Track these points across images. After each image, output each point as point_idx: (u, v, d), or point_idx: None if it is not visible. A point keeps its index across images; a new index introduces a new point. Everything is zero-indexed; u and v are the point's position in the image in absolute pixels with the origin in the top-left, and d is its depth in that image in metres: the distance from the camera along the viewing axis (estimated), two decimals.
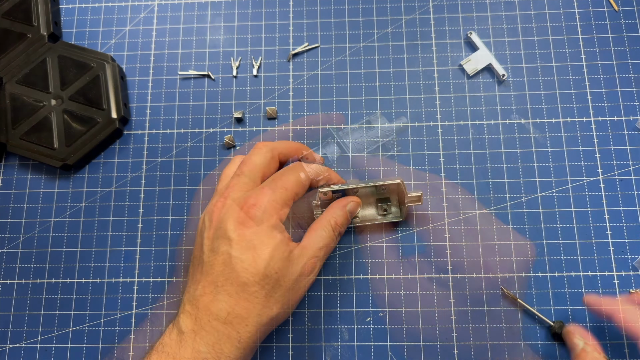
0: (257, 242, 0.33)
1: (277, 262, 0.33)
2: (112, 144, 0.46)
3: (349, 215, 0.38)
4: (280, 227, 0.35)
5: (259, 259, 0.33)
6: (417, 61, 0.47)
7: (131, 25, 0.50)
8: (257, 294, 0.33)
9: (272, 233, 0.34)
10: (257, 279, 0.33)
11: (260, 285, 0.33)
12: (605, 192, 0.42)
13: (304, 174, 0.37)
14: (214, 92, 0.47)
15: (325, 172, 0.39)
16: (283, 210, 0.35)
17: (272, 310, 0.34)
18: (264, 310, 0.33)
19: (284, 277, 0.34)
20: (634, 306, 0.38)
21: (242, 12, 0.49)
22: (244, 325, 0.33)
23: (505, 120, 0.45)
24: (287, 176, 0.36)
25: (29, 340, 0.42)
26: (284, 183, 0.36)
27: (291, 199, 0.36)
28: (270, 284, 0.33)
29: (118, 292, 0.43)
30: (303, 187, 0.37)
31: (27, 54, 0.47)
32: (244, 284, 0.33)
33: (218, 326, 0.32)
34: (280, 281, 0.34)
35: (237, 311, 0.33)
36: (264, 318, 0.33)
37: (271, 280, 0.33)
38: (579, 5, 0.47)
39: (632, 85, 0.45)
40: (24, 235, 0.45)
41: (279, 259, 0.34)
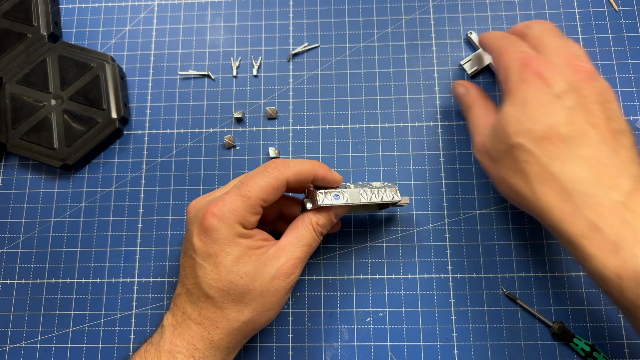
0: (218, 249, 0.32)
1: (242, 266, 0.32)
2: (112, 144, 0.46)
3: (333, 216, 0.36)
4: (246, 234, 0.33)
5: (220, 266, 0.32)
6: (417, 61, 0.47)
7: (131, 25, 0.50)
8: (223, 299, 0.32)
9: (234, 240, 0.33)
10: (220, 285, 0.32)
11: (225, 292, 0.32)
12: None
13: (273, 177, 0.33)
14: (214, 92, 0.47)
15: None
16: (246, 217, 0.33)
17: (244, 314, 0.33)
18: (233, 314, 0.33)
19: (255, 280, 0.32)
20: None
21: (242, 12, 0.49)
22: (214, 327, 0.33)
23: None
24: (255, 180, 0.33)
25: (29, 340, 0.42)
26: (248, 190, 0.33)
27: (257, 205, 0.33)
28: (238, 290, 0.32)
29: (118, 292, 0.43)
30: (274, 190, 0.34)
31: (27, 54, 0.47)
32: (206, 292, 0.33)
33: (191, 325, 0.33)
34: (250, 285, 0.32)
35: (207, 314, 0.33)
36: (234, 323, 0.33)
37: (237, 285, 0.32)
38: (579, 5, 0.47)
39: (632, 85, 0.45)
40: (24, 235, 0.45)
41: (245, 263, 0.32)
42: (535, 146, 0.31)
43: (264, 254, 0.33)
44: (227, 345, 0.33)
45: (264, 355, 0.41)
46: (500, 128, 0.33)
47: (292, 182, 0.34)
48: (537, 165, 0.31)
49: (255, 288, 0.33)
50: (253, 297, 0.33)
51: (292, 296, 0.42)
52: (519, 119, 0.32)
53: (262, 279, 0.33)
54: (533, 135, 0.31)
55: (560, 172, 0.30)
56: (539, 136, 0.31)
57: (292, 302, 0.42)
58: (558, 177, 0.30)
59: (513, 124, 0.32)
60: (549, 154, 0.31)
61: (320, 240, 0.36)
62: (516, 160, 0.32)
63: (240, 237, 0.33)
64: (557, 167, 0.30)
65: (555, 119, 0.31)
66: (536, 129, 0.31)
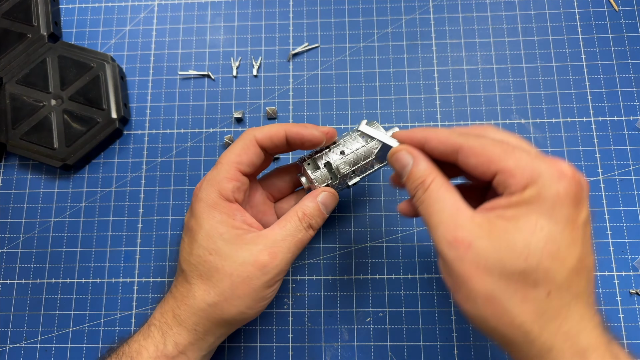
0: (194, 223, 0.33)
1: (212, 243, 0.31)
2: (112, 144, 0.46)
3: (321, 207, 0.34)
4: (222, 207, 0.32)
5: (192, 239, 0.32)
6: (417, 61, 0.47)
7: (131, 25, 0.50)
8: (192, 274, 0.32)
9: (210, 213, 0.32)
10: (191, 259, 0.32)
11: (194, 266, 0.32)
12: (605, 192, 0.42)
13: (241, 139, 0.33)
14: (214, 92, 0.47)
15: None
16: (222, 184, 0.32)
17: (210, 295, 0.31)
18: (200, 293, 0.32)
19: (224, 260, 0.31)
20: None
21: (242, 12, 0.49)
22: (182, 303, 0.32)
23: (506, 120, 0.45)
24: (231, 148, 0.33)
25: (29, 340, 0.42)
26: (221, 158, 0.33)
27: (230, 169, 0.33)
28: (206, 266, 0.31)
29: (118, 292, 0.43)
30: (244, 151, 0.33)
31: (27, 54, 0.47)
32: (181, 265, 0.33)
33: (169, 298, 0.33)
34: (218, 264, 0.31)
35: (180, 288, 0.33)
36: (200, 302, 0.32)
37: (205, 261, 0.31)
38: (579, 5, 0.47)
39: (632, 85, 0.45)
40: (24, 235, 0.45)
41: (215, 240, 0.31)
42: (566, 278, 0.25)
43: (240, 236, 0.32)
44: (194, 326, 0.32)
45: (264, 355, 0.41)
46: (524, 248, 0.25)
47: (264, 142, 0.34)
48: (560, 300, 0.25)
49: (224, 269, 0.31)
50: (220, 278, 0.31)
51: (291, 296, 0.42)
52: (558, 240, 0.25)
53: (233, 261, 0.31)
54: (566, 266, 0.25)
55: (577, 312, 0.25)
56: (573, 267, 0.25)
57: (292, 302, 0.42)
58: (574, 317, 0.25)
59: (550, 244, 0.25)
60: (574, 290, 0.25)
61: (310, 232, 0.34)
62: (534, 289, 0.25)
63: (217, 211, 0.32)
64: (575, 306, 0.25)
65: (584, 250, 0.26)
66: (572, 257, 0.25)
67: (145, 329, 0.33)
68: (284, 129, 0.34)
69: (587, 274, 0.26)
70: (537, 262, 0.24)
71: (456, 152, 0.28)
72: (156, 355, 0.31)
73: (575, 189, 0.25)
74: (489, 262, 0.25)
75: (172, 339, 0.32)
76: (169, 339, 0.32)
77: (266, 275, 0.31)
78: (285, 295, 0.42)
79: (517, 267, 0.25)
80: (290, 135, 0.34)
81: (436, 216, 0.27)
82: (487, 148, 0.27)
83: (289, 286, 0.42)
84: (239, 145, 0.34)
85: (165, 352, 0.31)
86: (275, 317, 0.41)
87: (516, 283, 0.25)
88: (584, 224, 0.26)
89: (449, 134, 0.29)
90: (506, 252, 0.25)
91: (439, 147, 0.29)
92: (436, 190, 0.28)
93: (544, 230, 0.25)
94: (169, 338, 0.32)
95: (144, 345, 0.32)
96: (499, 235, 0.25)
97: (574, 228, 0.25)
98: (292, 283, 0.42)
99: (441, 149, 0.29)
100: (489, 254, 0.25)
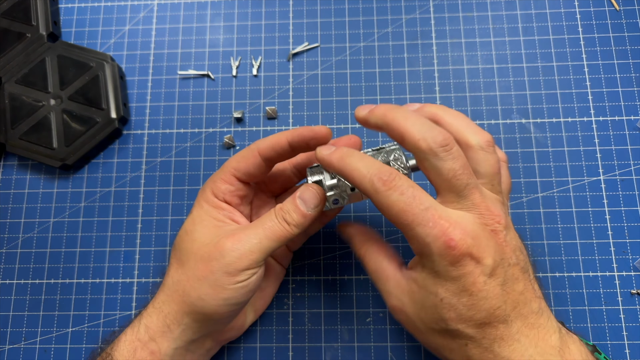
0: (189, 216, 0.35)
1: (191, 225, 0.34)
2: (111, 144, 0.46)
3: (297, 201, 0.33)
4: (212, 202, 0.34)
5: (181, 228, 0.35)
6: (417, 61, 0.47)
7: (131, 25, 0.50)
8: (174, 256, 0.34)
9: (199, 203, 0.35)
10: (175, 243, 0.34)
11: (176, 249, 0.34)
12: (606, 192, 0.42)
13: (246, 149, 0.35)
14: (213, 92, 0.47)
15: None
16: (217, 184, 0.35)
17: (177, 272, 0.33)
18: (172, 272, 0.33)
19: (194, 240, 0.33)
20: None
21: (242, 11, 0.49)
22: (162, 284, 0.34)
23: (506, 120, 0.45)
24: (235, 155, 0.36)
25: (29, 340, 0.42)
26: (226, 162, 0.36)
27: (228, 173, 0.35)
28: (180, 244, 0.34)
29: (117, 293, 0.43)
30: (244, 159, 0.34)
31: (27, 53, 0.47)
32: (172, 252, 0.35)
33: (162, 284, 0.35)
34: (190, 245, 0.33)
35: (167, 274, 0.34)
36: (169, 279, 0.33)
37: (181, 240, 0.34)
38: (579, 4, 0.47)
39: (633, 85, 0.45)
40: (23, 235, 0.44)
41: (194, 223, 0.34)
42: (476, 332, 0.28)
43: (218, 227, 0.33)
44: (160, 305, 0.32)
45: (264, 355, 0.40)
46: (434, 311, 0.29)
47: (266, 152, 0.34)
48: (479, 348, 0.28)
49: (192, 248, 0.32)
50: (187, 256, 0.33)
51: (291, 296, 0.42)
52: (456, 306, 0.28)
53: (200, 242, 0.32)
54: (473, 322, 0.28)
55: (502, 351, 0.28)
56: (480, 322, 0.28)
57: (292, 303, 0.42)
58: (502, 356, 0.28)
59: (450, 311, 0.28)
60: (490, 337, 0.28)
61: (285, 226, 0.32)
62: (454, 340, 0.29)
63: (204, 202, 0.34)
64: (499, 347, 0.28)
65: (492, 303, 0.28)
66: (477, 317, 0.28)
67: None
68: (285, 135, 0.34)
69: (504, 319, 0.28)
70: (446, 325, 0.28)
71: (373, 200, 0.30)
72: (131, 339, 0.32)
73: (462, 259, 0.27)
74: (417, 323, 0.30)
75: (144, 322, 0.32)
76: (142, 322, 0.33)
77: (225, 257, 0.31)
78: (285, 295, 0.42)
79: (436, 327, 0.29)
80: (292, 140, 0.34)
81: (377, 285, 0.32)
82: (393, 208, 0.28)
83: (289, 286, 0.42)
84: (241, 154, 0.35)
85: (138, 337, 0.32)
86: (275, 317, 0.41)
87: (440, 337, 0.29)
88: (489, 276, 0.28)
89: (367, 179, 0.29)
90: (424, 314, 0.29)
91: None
92: (367, 263, 0.33)
93: (444, 301, 0.28)
94: (142, 320, 0.33)
95: (125, 332, 0.33)
96: (416, 301, 0.30)
97: (472, 292, 0.27)
98: (292, 283, 0.42)
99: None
100: (414, 317, 0.30)
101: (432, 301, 0.28)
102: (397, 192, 0.28)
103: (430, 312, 0.29)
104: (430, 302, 0.29)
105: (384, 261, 0.32)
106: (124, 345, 0.32)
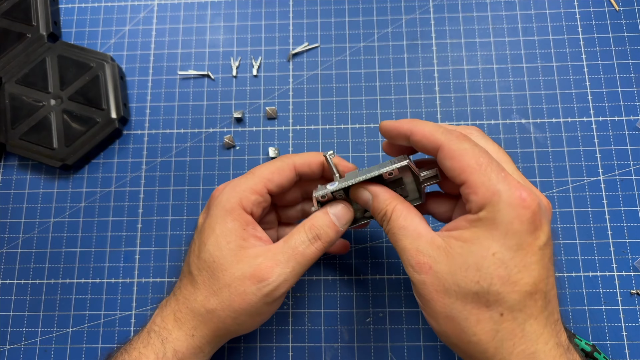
0: (207, 226, 0.33)
1: (217, 249, 0.31)
2: (111, 144, 0.46)
3: (332, 217, 0.33)
4: (237, 215, 0.32)
5: (202, 243, 0.32)
6: (417, 61, 0.47)
7: (131, 25, 0.50)
8: (197, 278, 0.32)
9: (224, 218, 0.32)
10: (198, 263, 0.32)
11: (199, 270, 0.32)
12: (605, 192, 0.42)
13: (279, 160, 0.34)
14: (213, 92, 0.47)
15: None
16: (245, 194, 0.33)
17: (210, 302, 0.31)
18: (201, 298, 0.32)
19: (225, 270, 0.31)
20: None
21: (242, 12, 0.49)
22: (184, 305, 0.32)
23: (506, 120, 0.45)
24: (266, 164, 0.34)
25: (29, 340, 0.42)
26: (255, 169, 0.34)
27: (259, 183, 0.33)
28: (208, 272, 0.32)
29: (118, 293, 0.43)
30: (279, 171, 0.34)
31: (27, 53, 0.47)
32: (189, 268, 0.33)
33: (171, 300, 0.33)
34: (219, 272, 0.31)
35: (183, 291, 0.33)
36: (200, 307, 0.31)
37: (209, 267, 0.31)
38: (579, 4, 0.47)
39: (633, 85, 0.45)
40: (24, 235, 0.45)
41: (221, 247, 0.31)
42: (518, 300, 0.26)
43: (246, 248, 0.32)
44: (192, 331, 0.32)
45: (264, 355, 0.41)
46: (477, 269, 0.26)
47: (302, 168, 0.34)
48: (513, 322, 0.26)
49: (224, 279, 0.31)
50: (220, 287, 0.31)
51: (291, 296, 0.42)
52: (508, 264, 0.26)
53: (232, 273, 0.31)
54: (519, 287, 0.26)
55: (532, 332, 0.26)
56: (525, 291, 0.26)
57: (292, 303, 0.42)
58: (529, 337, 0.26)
59: (500, 268, 0.26)
60: (528, 311, 0.26)
61: (318, 245, 0.32)
62: (488, 309, 0.26)
63: (230, 218, 0.32)
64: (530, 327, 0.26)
65: (541, 273, 0.26)
66: (524, 281, 0.26)
67: (145, 335, 0.33)
68: (322, 155, 0.35)
69: (544, 296, 0.26)
70: (488, 285, 0.26)
71: (437, 149, 0.29)
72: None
73: (530, 217, 0.26)
74: (447, 284, 0.27)
75: (172, 346, 0.32)
76: (169, 346, 0.32)
77: (261, 290, 0.31)
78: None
79: (471, 289, 0.26)
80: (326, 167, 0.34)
81: (401, 243, 0.29)
82: (463, 155, 0.27)
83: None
84: (276, 165, 0.34)
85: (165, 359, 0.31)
86: (275, 317, 0.41)
87: (471, 304, 0.26)
88: (540, 248, 0.26)
89: (434, 129, 0.29)
90: (461, 274, 0.26)
91: (422, 141, 0.29)
92: (397, 218, 0.30)
93: (496, 255, 0.26)
94: (168, 345, 0.32)
95: (144, 353, 0.31)
96: (455, 257, 0.27)
97: (526, 254, 0.26)
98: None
99: (424, 143, 0.29)
100: (446, 276, 0.27)
101: (479, 255, 0.26)
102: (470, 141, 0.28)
103: (472, 270, 0.26)
104: (475, 258, 0.26)
105: (416, 218, 0.29)
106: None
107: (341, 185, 0.32)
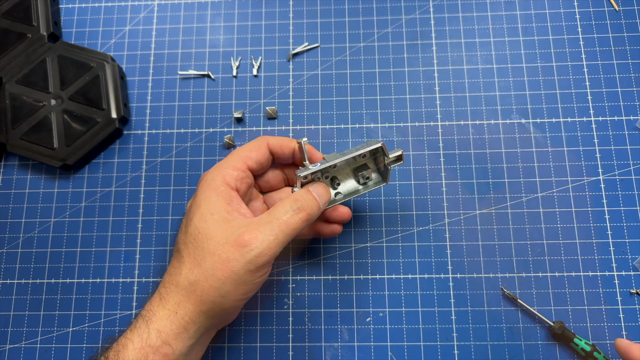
0: (193, 204, 0.34)
1: (202, 220, 0.33)
2: (111, 144, 0.46)
3: (314, 194, 0.34)
4: (222, 192, 0.34)
5: (189, 220, 0.34)
6: (417, 61, 0.47)
7: (131, 25, 0.50)
8: (184, 252, 0.33)
9: (209, 194, 0.34)
10: (184, 238, 0.33)
11: (185, 244, 0.33)
12: (605, 192, 0.42)
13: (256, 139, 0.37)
14: (214, 92, 0.47)
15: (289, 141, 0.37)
16: (227, 170, 0.35)
17: (193, 272, 0.32)
18: (186, 271, 0.32)
19: (209, 238, 0.32)
20: None
21: (242, 12, 0.49)
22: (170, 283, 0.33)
23: (506, 120, 0.45)
24: (244, 145, 0.37)
25: (29, 340, 0.42)
26: (235, 150, 0.36)
27: (239, 161, 0.35)
28: (194, 243, 0.33)
29: (118, 292, 0.43)
30: (256, 149, 0.36)
31: (27, 53, 0.47)
32: (177, 245, 0.34)
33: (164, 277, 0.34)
34: (203, 242, 0.32)
35: (170, 270, 0.34)
36: (183, 279, 0.32)
37: (193, 238, 0.33)
38: (579, 5, 0.47)
39: (633, 85, 0.45)
40: (24, 235, 0.45)
41: (206, 219, 0.33)
42: None
43: (229, 220, 0.33)
44: (175, 308, 0.32)
45: (264, 355, 0.41)
46: None
47: (275, 147, 0.37)
48: None
49: (208, 248, 0.32)
50: (204, 257, 0.32)
51: (291, 296, 0.42)
52: None
53: (216, 241, 0.32)
54: None
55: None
56: None
57: (292, 302, 0.42)
58: None
59: None
60: None
61: (301, 216, 0.33)
62: None
63: (214, 192, 0.34)
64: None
65: None
66: None
67: (134, 321, 0.33)
68: (295, 142, 0.37)
69: None
70: None
71: None
72: (141, 345, 0.31)
73: None
74: None
75: (155, 326, 0.31)
76: (152, 327, 0.31)
77: (244, 257, 0.31)
78: (285, 295, 0.42)
79: None
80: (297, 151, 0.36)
81: None
82: None
83: (289, 286, 0.42)
84: (253, 144, 0.37)
85: (149, 342, 0.31)
86: (275, 317, 0.41)
87: None
88: None
89: None
90: None
91: None
92: None
93: None
94: (152, 325, 0.32)
95: (130, 338, 0.32)
96: None
97: None
98: (292, 283, 0.42)
99: None
100: None
101: None
102: None
103: None
104: None
105: None
106: (133, 354, 0.31)
107: (323, 165, 0.35)
